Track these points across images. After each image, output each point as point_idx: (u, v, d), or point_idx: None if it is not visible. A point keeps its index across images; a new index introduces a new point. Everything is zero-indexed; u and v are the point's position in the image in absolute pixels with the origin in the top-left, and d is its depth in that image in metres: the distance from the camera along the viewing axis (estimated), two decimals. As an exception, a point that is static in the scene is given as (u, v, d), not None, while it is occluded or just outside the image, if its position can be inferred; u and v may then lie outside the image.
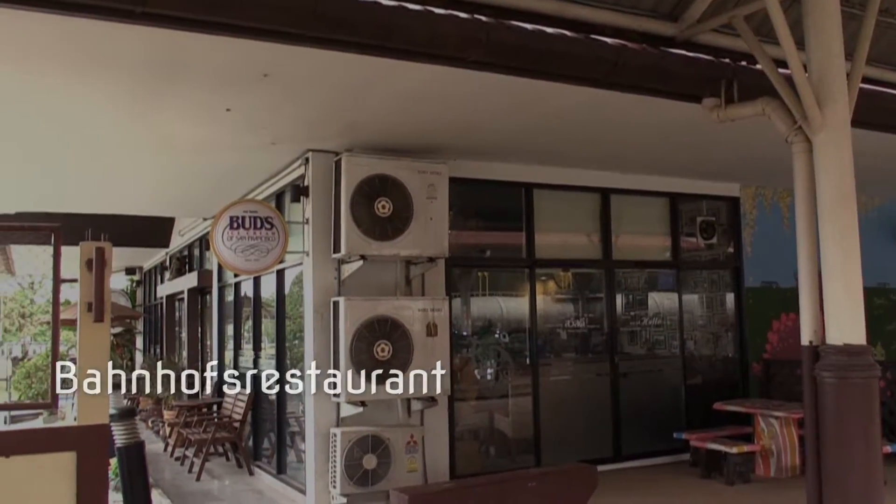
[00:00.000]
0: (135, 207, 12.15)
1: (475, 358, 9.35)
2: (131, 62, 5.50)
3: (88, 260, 4.70)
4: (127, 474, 5.59)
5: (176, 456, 11.43)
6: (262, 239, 7.98)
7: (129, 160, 8.68)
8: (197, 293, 14.34)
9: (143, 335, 21.11)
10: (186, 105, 6.54)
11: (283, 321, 9.50)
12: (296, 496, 8.54)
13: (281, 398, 9.57)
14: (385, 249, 7.65)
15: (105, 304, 4.67)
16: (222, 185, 9.88)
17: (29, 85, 5.90)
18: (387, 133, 7.56)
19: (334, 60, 5.43)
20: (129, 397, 15.12)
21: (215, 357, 12.88)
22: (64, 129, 7.22)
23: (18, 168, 8.83)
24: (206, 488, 9.56)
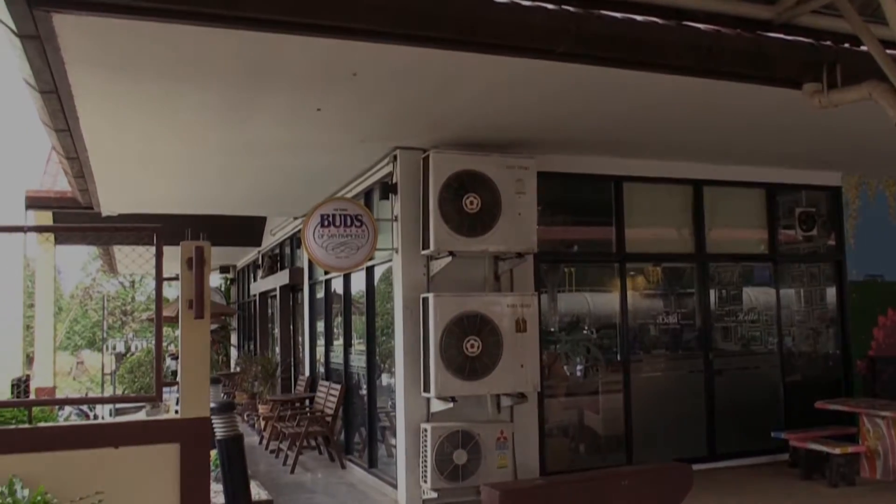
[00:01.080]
0: (228, 207, 12.44)
1: (564, 354, 9.26)
2: (224, 66, 5.63)
3: (189, 259, 4.84)
4: (226, 465, 5.71)
5: (270, 449, 11.70)
6: (352, 236, 8.08)
7: (223, 161, 8.90)
8: (289, 290, 14.62)
9: (237, 332, 21.66)
10: (278, 106, 6.66)
11: (372, 317, 9.60)
12: (387, 490, 8.62)
13: (371, 393, 9.67)
14: (473, 245, 7.65)
15: (205, 302, 4.80)
16: (312, 184, 10.04)
17: (128, 88, 6.11)
18: (474, 128, 7.54)
19: (422, 57, 5.45)
20: (225, 392, 15.57)
21: (307, 353, 13.11)
22: (163, 132, 7.47)
23: (121, 171, 9.17)
24: (299, 480, 9.75)
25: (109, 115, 6.81)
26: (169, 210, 11.62)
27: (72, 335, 48.56)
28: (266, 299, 17.26)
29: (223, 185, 10.48)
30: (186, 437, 4.96)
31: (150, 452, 5.01)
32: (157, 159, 8.67)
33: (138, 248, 6.13)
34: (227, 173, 9.58)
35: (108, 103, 6.47)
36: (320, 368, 12.39)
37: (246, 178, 9.93)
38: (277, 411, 11.71)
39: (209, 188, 10.69)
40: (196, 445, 4.99)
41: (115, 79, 5.83)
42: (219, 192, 11.01)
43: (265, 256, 16.42)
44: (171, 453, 4.96)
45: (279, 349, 15.41)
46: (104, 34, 4.97)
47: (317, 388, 11.96)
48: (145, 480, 4.98)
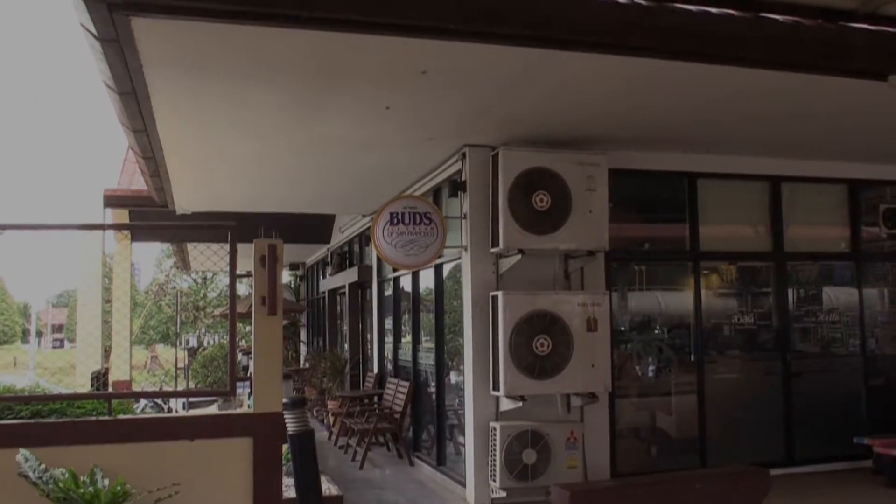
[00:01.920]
0: (298, 205, 12.64)
1: (635, 354, 9.16)
2: (296, 66, 5.74)
3: (262, 256, 4.95)
4: (298, 460, 5.83)
5: (339, 445, 11.85)
6: (421, 234, 8.14)
7: (293, 160, 9.07)
8: (357, 288, 14.77)
9: (306, 328, 21.98)
10: (347, 105, 6.75)
11: (441, 315, 9.64)
12: (455, 488, 8.65)
13: (440, 391, 9.72)
14: (543, 243, 7.63)
15: (277, 298, 4.90)
16: (381, 182, 10.14)
17: (203, 89, 6.28)
18: (544, 125, 7.51)
19: (491, 54, 5.46)
20: (295, 387, 15.83)
21: (375, 350, 13.24)
22: (236, 132, 7.65)
23: (195, 170, 9.41)
24: (368, 477, 9.86)
25: (185, 116, 7.00)
26: (240, 208, 11.87)
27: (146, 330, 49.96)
28: (335, 296, 17.47)
29: (293, 184, 10.66)
30: (259, 431, 5.08)
31: (224, 446, 5.13)
32: (229, 158, 8.87)
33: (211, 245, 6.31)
34: (297, 172, 9.74)
35: (183, 104, 6.66)
36: (389, 365, 12.49)
37: (315, 176, 10.08)
38: (346, 407, 11.86)
39: (279, 187, 10.89)
40: (268, 440, 5.10)
41: (190, 80, 6.00)
42: (289, 191, 11.21)
43: (334, 254, 16.63)
44: (245, 447, 5.08)
45: (348, 346, 15.59)
46: (181, 36, 5.12)
47: (385, 384, 12.07)
48: (219, 473, 5.11)
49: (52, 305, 65.36)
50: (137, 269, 36.62)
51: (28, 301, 56.87)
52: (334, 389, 14.11)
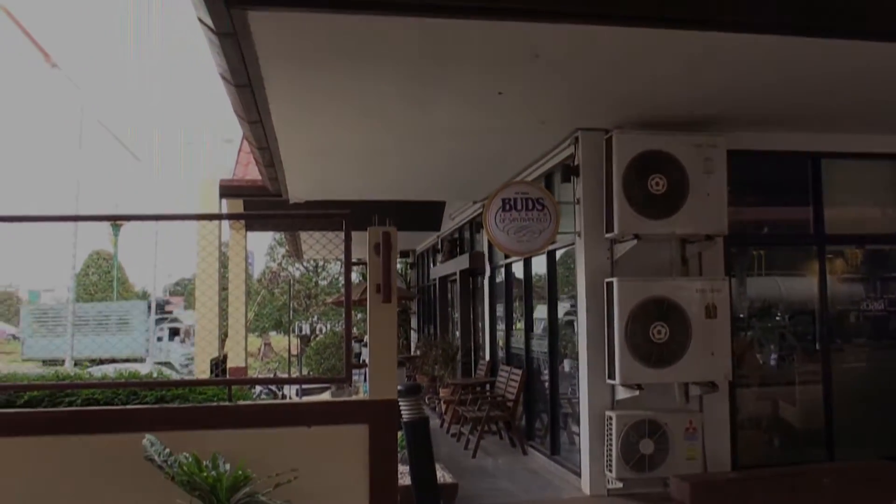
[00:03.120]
0: (409, 193, 12.78)
1: (756, 342, 8.87)
2: (408, 53, 5.80)
3: (376, 244, 5.03)
4: (413, 448, 5.92)
5: (452, 433, 11.94)
6: (533, 220, 8.10)
7: (405, 148, 9.18)
8: (468, 275, 14.82)
9: (417, 316, 22.21)
10: (459, 91, 6.78)
11: (554, 302, 9.58)
12: (570, 477, 8.61)
13: (553, 379, 9.68)
14: (659, 228, 7.48)
15: (392, 286, 4.97)
16: (492, 168, 10.14)
17: (316, 79, 6.41)
18: (659, 107, 7.35)
19: (606, 36, 5.37)
20: (406, 375, 16.04)
21: (487, 337, 13.27)
22: (348, 121, 7.79)
23: (309, 159, 9.64)
24: (481, 465, 9.91)
25: (298, 106, 7.17)
26: (352, 196, 12.08)
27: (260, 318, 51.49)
28: (446, 283, 17.59)
29: (404, 171, 10.78)
30: (375, 418, 5.17)
31: (341, 432, 5.25)
32: (342, 147, 9.05)
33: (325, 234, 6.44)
34: (408, 159, 9.85)
35: (297, 94, 6.83)
36: (501, 353, 12.51)
37: (427, 163, 10.17)
38: (458, 395, 11.94)
39: (391, 174, 11.03)
40: (384, 427, 5.19)
41: (303, 70, 6.15)
42: (400, 178, 11.34)
43: (444, 241, 16.73)
44: (361, 434, 5.18)
45: (459, 333, 15.68)
46: (294, 28, 5.24)
47: (497, 372, 12.09)
48: (336, 459, 5.23)
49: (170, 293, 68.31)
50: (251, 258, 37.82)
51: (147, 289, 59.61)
52: (446, 377, 14.23)
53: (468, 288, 15.11)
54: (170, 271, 66.19)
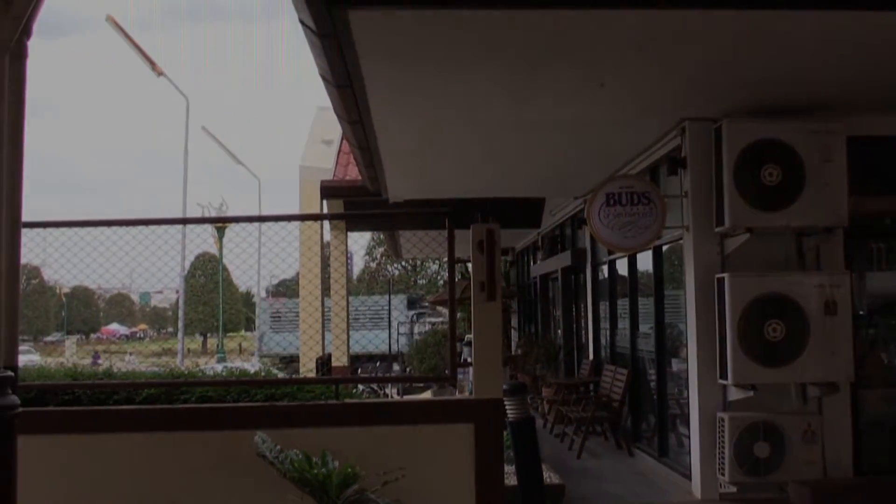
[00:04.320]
0: (508, 190, 12.77)
1: (881, 340, 8.50)
2: (508, 48, 5.80)
3: (480, 241, 5.05)
4: (518, 448, 5.92)
5: (555, 433, 11.88)
6: (639, 215, 7.97)
7: (504, 144, 9.18)
8: (570, 272, 14.70)
9: (517, 314, 22.17)
10: (560, 85, 6.74)
11: (661, 299, 9.42)
12: (680, 481, 8.44)
13: (661, 379, 9.50)
14: (774, 221, 7.25)
15: (496, 284, 4.98)
16: (593, 163, 10.04)
17: (416, 77, 6.48)
18: (771, 93, 7.12)
19: (713, 20, 5.26)
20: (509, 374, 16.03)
21: (591, 336, 13.14)
22: (447, 118, 7.85)
23: (408, 158, 9.75)
24: (586, 466, 9.82)
25: (398, 104, 7.27)
26: (450, 194, 12.12)
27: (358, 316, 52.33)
28: (547, 281, 17.50)
29: (504, 168, 10.79)
30: (480, 417, 5.20)
31: (446, 431, 5.30)
32: (441, 145, 9.12)
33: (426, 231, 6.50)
34: (508, 155, 9.85)
35: (397, 93, 6.91)
36: (605, 352, 12.37)
37: (526, 159, 10.14)
38: (562, 395, 11.87)
39: (490, 172, 11.05)
40: (490, 426, 5.22)
41: (403, 68, 6.22)
42: (500, 175, 11.35)
43: (545, 238, 16.64)
44: (466, 433, 5.21)
45: (561, 332, 15.58)
46: (394, 26, 5.32)
47: (602, 372, 11.96)
48: (441, 458, 5.28)
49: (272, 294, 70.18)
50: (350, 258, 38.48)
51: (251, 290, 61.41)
52: (548, 376, 14.16)
53: (570, 285, 14.99)
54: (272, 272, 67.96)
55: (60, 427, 5.25)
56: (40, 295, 66.48)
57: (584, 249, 13.20)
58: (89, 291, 73.98)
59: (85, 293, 74.67)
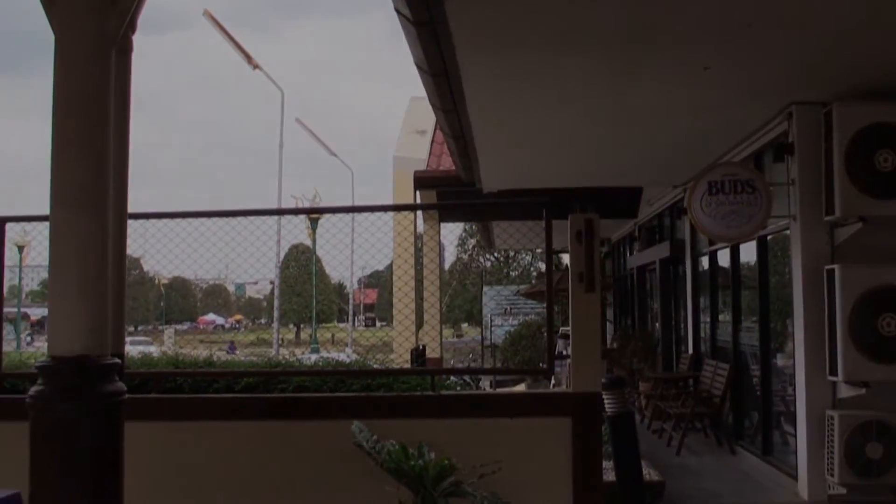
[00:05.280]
0: (604, 179, 12.61)
1: None
2: (607, 32, 5.72)
3: (578, 231, 4.98)
4: (617, 442, 5.84)
5: (653, 429, 11.71)
6: (743, 204, 7.76)
7: (602, 132, 9.07)
8: (669, 263, 14.44)
9: (613, 307, 21.92)
10: (661, 69, 6.62)
11: (765, 292, 9.16)
12: (785, 481, 8.20)
13: (765, 374, 9.24)
14: (888, 209, 6.97)
15: (595, 275, 4.91)
16: (694, 150, 9.81)
17: (512, 64, 6.44)
18: (887, 74, 6.81)
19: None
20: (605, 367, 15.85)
21: (690, 329, 12.89)
22: (544, 106, 7.78)
23: (503, 147, 9.72)
24: (685, 463, 9.64)
25: (494, 93, 7.25)
26: (545, 184, 12.01)
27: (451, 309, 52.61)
28: (644, 273, 17.24)
29: (601, 157, 10.66)
30: (578, 411, 5.13)
31: (543, 425, 5.26)
32: (537, 134, 9.06)
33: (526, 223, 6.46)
34: (605, 144, 9.73)
35: (493, 80, 6.90)
36: (705, 346, 12.12)
37: (624, 147, 9.99)
38: (660, 390, 11.68)
39: (587, 161, 10.94)
40: (588, 420, 5.15)
41: (500, 56, 6.21)
42: (596, 164, 11.23)
43: (642, 228, 16.39)
44: (564, 427, 5.16)
45: (659, 325, 15.33)
46: (492, 13, 5.30)
47: (702, 366, 11.71)
48: (538, 452, 5.25)
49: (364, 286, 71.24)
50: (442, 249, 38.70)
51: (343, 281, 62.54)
52: (645, 370, 13.95)
53: (669, 277, 14.71)
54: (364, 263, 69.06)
55: (163, 414, 5.43)
56: (141, 286, 69.10)
57: (683, 240, 12.96)
58: (187, 282, 76.76)
59: (183, 284, 77.42)
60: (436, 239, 16.83)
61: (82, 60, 3.42)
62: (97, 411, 3.36)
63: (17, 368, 5.96)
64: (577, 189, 12.33)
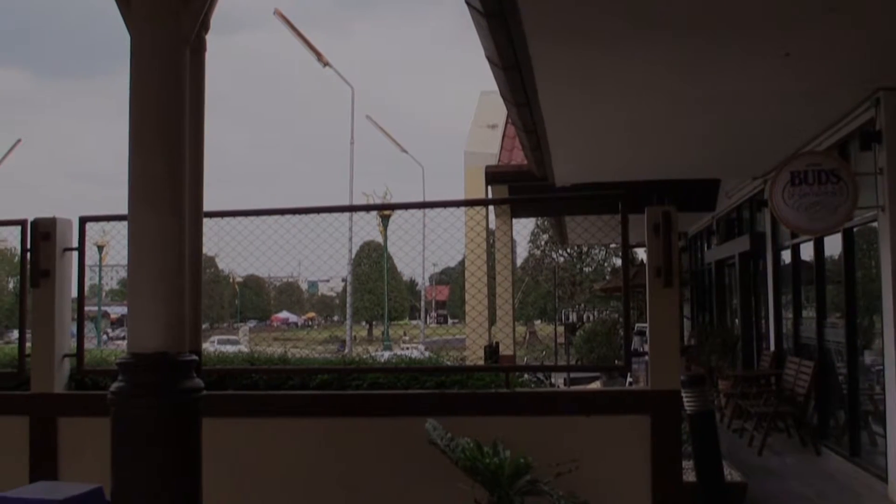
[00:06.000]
0: (679, 172, 12.42)
1: None
2: (685, 21, 5.63)
3: (655, 224, 4.90)
4: (698, 442, 5.73)
5: (733, 428, 11.47)
6: (827, 194, 7.56)
7: (676, 122, 8.94)
8: (748, 258, 14.15)
9: (689, 302, 21.59)
10: (739, 56, 6.48)
11: (851, 286, 8.88)
12: (874, 483, 7.96)
13: (852, 372, 8.98)
14: (984, 198, 6.69)
15: (674, 269, 4.82)
16: (774, 140, 9.60)
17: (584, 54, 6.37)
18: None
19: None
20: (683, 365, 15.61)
21: (772, 325, 12.60)
22: (617, 97, 7.69)
23: (575, 141, 9.64)
24: (768, 464, 9.42)
25: (567, 85, 7.20)
26: (619, 177, 11.87)
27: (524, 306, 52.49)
28: (722, 267, 16.93)
29: (677, 148, 10.50)
30: (657, 409, 5.06)
31: (621, 423, 5.19)
32: (610, 126, 8.97)
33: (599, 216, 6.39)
34: (681, 135, 9.59)
35: (565, 73, 6.85)
36: (787, 343, 11.83)
37: (699, 138, 9.84)
38: (741, 387, 11.45)
39: (662, 153, 10.78)
40: (667, 418, 5.07)
41: (573, 47, 6.16)
42: (672, 156, 11.05)
43: (720, 221, 16.09)
44: (642, 425, 5.08)
45: (738, 321, 15.03)
46: (564, 2, 5.24)
47: (784, 364, 11.44)
48: (615, 451, 5.18)
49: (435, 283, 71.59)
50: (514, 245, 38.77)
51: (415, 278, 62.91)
52: (725, 368, 13.69)
53: (749, 272, 14.42)
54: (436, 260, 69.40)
55: (240, 410, 5.53)
56: (216, 284, 70.71)
57: (763, 233, 12.68)
58: (260, 280, 78.29)
59: (256, 282, 78.98)
60: (508, 234, 16.78)
61: (157, 60, 3.50)
62: (175, 407, 3.43)
63: (98, 365, 6.13)
64: (653, 182, 12.17)
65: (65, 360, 5.98)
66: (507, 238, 16.64)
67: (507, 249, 16.91)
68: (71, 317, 6.12)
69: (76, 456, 5.61)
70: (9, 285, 28.97)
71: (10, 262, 28.85)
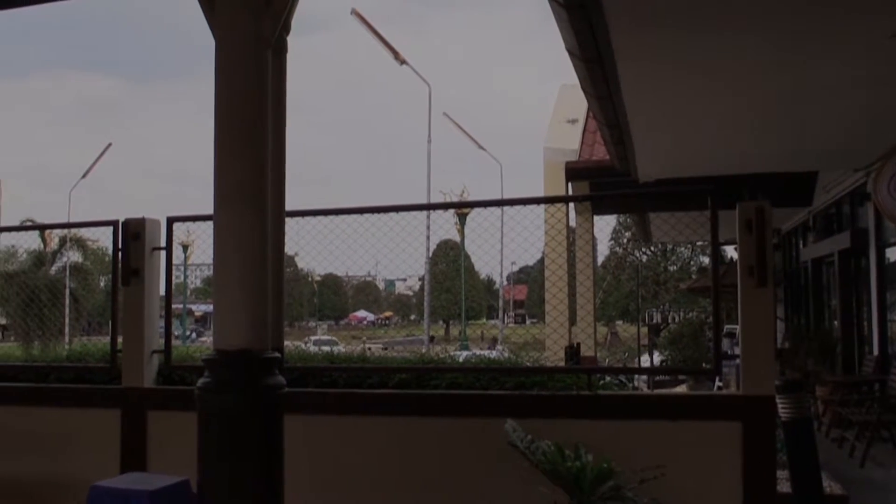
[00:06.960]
0: (772, 164, 12.21)
1: None
2: (777, 4, 5.54)
3: (748, 221, 4.87)
4: (794, 451, 5.66)
5: (832, 437, 11.25)
6: (937, 187, 7.40)
7: (768, 112, 8.81)
8: (849, 255, 13.86)
9: (783, 303, 21.20)
10: (838, 39, 6.39)
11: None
12: None
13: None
14: None
15: (768, 268, 4.79)
16: (877, 129, 9.38)
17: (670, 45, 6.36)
18: None
19: None
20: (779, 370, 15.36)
21: (875, 328, 12.33)
22: (703, 87, 7.64)
23: (660, 134, 9.61)
24: (871, 476, 9.22)
25: (650, 77, 7.19)
26: (705, 172, 11.76)
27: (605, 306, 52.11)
28: (820, 266, 16.59)
29: (768, 140, 10.34)
30: (750, 415, 5.03)
31: (710, 429, 5.18)
32: (697, 117, 8.91)
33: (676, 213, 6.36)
34: (773, 125, 9.44)
35: (649, 64, 6.84)
36: (893, 347, 11.56)
37: (794, 128, 9.67)
38: (840, 394, 11.23)
39: (752, 144, 10.63)
40: (760, 425, 5.03)
41: (657, 36, 6.16)
42: (763, 148, 10.89)
43: (817, 217, 15.77)
44: (733, 432, 5.06)
45: (838, 323, 14.72)
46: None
47: (889, 369, 11.18)
48: (704, 458, 5.17)
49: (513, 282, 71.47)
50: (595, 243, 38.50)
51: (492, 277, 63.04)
52: (823, 373, 13.44)
53: (849, 270, 14.11)
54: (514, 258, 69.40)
55: (320, 407, 5.73)
56: (295, 282, 72.11)
57: (866, 229, 12.41)
58: (338, 279, 79.63)
59: (335, 281, 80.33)
60: (590, 232, 16.73)
61: (241, 61, 3.68)
62: (258, 403, 3.62)
63: (184, 361, 6.46)
64: (743, 176, 12.02)
65: (154, 356, 6.35)
66: (588, 236, 16.59)
67: (587, 247, 16.86)
68: (159, 314, 6.48)
69: (164, 448, 5.94)
70: (100, 283, 30.39)
71: (102, 261, 30.24)
